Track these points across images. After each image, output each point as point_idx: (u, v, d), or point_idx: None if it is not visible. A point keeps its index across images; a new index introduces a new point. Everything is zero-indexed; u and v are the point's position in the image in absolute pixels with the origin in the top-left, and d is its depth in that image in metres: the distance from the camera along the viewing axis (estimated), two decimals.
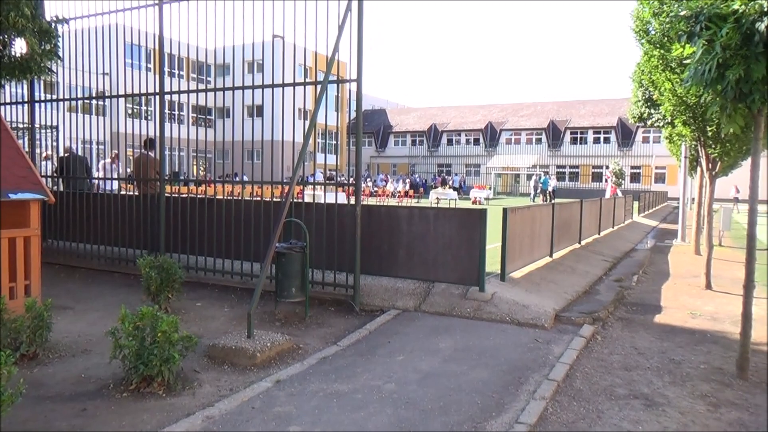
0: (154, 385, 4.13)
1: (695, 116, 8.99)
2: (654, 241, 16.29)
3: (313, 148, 7.74)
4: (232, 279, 7.73)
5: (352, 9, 6.58)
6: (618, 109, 52.58)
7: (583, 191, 43.95)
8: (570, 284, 8.45)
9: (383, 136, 62.98)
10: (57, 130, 9.65)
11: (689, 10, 4.63)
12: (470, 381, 4.58)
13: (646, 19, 9.45)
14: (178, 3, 7.84)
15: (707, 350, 5.64)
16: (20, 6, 6.82)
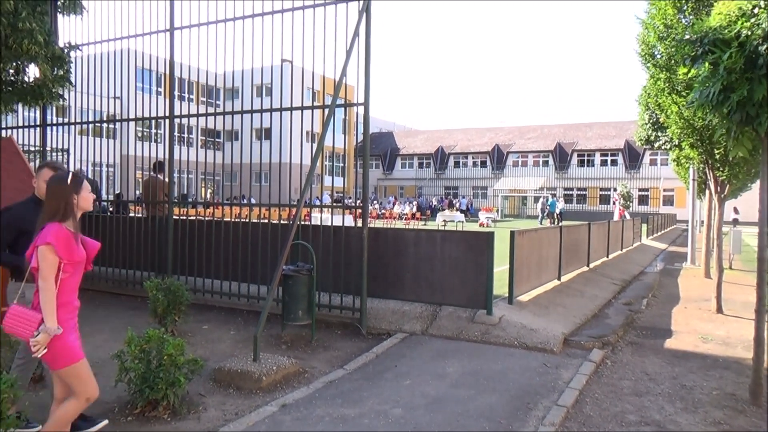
0: (160, 408, 4.11)
1: (702, 139, 8.99)
2: (663, 264, 16.15)
3: (320, 171, 7.79)
4: (238, 301, 7.72)
5: (359, 34, 6.67)
6: (625, 131, 52.65)
7: (590, 214, 43.79)
8: (579, 308, 8.37)
9: (390, 159, 63.27)
10: (68, 153, 9.76)
11: (694, 34, 4.67)
12: (478, 406, 4.51)
13: (651, 43, 9.52)
14: (189, 29, 7.99)
15: (719, 376, 5.55)
16: (34, 33, 6.97)
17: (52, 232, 3.06)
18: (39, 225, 3.16)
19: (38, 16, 7.22)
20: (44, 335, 3.00)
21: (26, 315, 3.05)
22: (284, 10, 7.16)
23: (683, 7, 8.73)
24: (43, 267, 3.02)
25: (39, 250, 3.04)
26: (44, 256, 3.02)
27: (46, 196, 3.23)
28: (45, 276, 3.02)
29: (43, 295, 3.01)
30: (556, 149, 55.29)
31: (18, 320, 3.05)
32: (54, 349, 3.05)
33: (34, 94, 7.89)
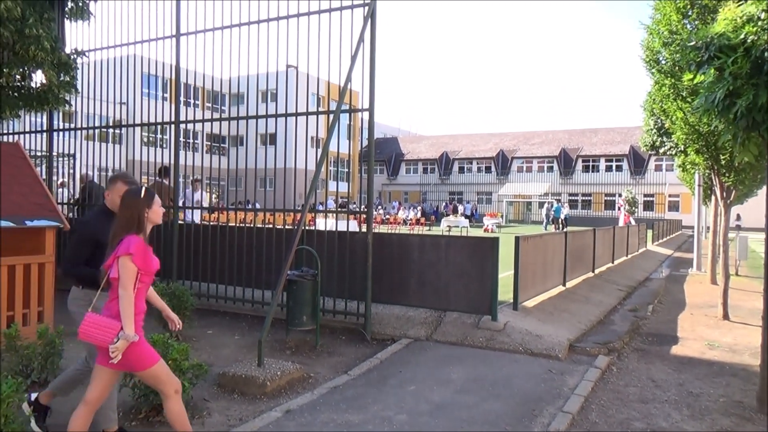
0: (164, 414, 4.09)
1: (708, 145, 8.97)
2: (669, 270, 16.07)
3: (325, 176, 7.80)
4: (243, 306, 7.72)
5: (364, 40, 6.69)
6: (630, 137, 52.55)
7: (595, 219, 43.68)
8: (584, 314, 8.33)
9: (395, 164, 63.32)
10: (74, 158, 9.82)
11: (699, 39, 4.66)
12: (483, 412, 4.49)
13: (656, 49, 9.52)
14: (194, 35, 8.03)
15: (726, 383, 5.51)
16: (41, 39, 7.02)
17: (133, 244, 3.20)
18: (113, 237, 3.29)
19: (45, 22, 7.28)
20: (123, 342, 3.11)
21: (104, 323, 3.16)
22: (289, 16, 7.20)
23: (688, 13, 8.73)
24: (123, 277, 3.16)
25: (120, 261, 3.17)
26: (125, 266, 3.16)
27: (121, 208, 3.37)
28: (125, 285, 3.16)
29: (123, 304, 3.15)
30: (561, 155, 55.22)
31: (96, 328, 3.16)
32: (134, 354, 3.17)
33: (40, 100, 7.95)
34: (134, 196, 3.37)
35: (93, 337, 3.17)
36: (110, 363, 3.16)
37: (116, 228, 3.31)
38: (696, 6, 8.57)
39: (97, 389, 3.28)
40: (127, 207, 3.33)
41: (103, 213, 3.85)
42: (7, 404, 3.04)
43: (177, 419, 3.36)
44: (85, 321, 3.20)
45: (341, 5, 6.86)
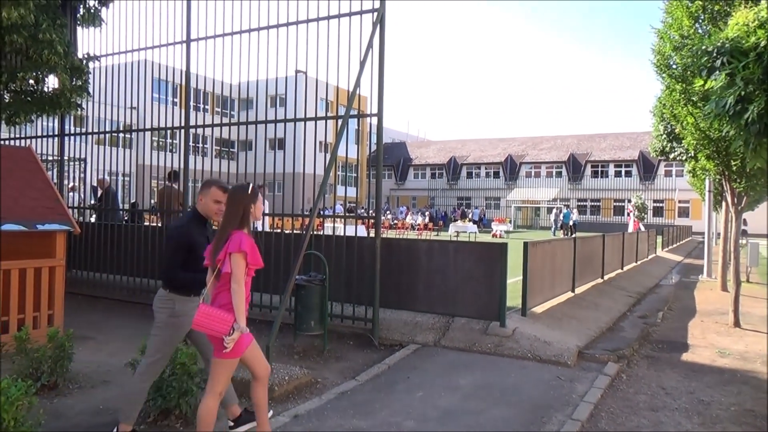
0: (172, 418, 4.11)
1: (719, 150, 8.90)
2: (679, 277, 15.95)
3: (333, 181, 7.82)
4: (251, 311, 7.70)
5: (373, 45, 6.71)
6: (639, 142, 52.29)
7: (604, 225, 43.42)
8: (593, 320, 8.28)
9: (403, 169, 63.35)
10: (85, 162, 9.90)
11: (710, 44, 4.64)
12: (491, 419, 4.47)
13: (667, 53, 9.47)
14: (204, 40, 8.09)
15: (737, 391, 5.45)
16: (54, 44, 7.10)
17: (243, 240, 3.38)
18: (221, 231, 3.47)
19: (58, 27, 7.36)
20: (237, 333, 3.31)
21: (218, 314, 3.31)
22: (299, 22, 7.23)
23: (700, 17, 8.68)
24: (236, 272, 3.33)
25: (232, 257, 3.34)
26: (237, 262, 3.34)
27: (228, 204, 3.53)
28: (238, 280, 3.33)
29: (236, 297, 3.33)
30: (570, 160, 55.03)
31: (210, 318, 3.31)
32: (238, 342, 3.37)
33: (53, 104, 8.03)
34: (242, 192, 3.51)
35: (206, 327, 3.33)
36: (223, 353, 3.36)
37: (223, 223, 3.48)
38: (708, 11, 8.53)
39: (219, 379, 3.50)
40: (234, 203, 3.48)
41: (195, 218, 3.97)
42: (17, 407, 3.06)
43: (263, 403, 3.63)
44: (199, 312, 3.34)
45: (350, 11, 6.88)
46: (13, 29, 6.71)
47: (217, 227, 3.59)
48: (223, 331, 3.28)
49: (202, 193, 3.96)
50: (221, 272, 3.40)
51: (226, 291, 3.38)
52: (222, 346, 3.34)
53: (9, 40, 6.84)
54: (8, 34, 6.75)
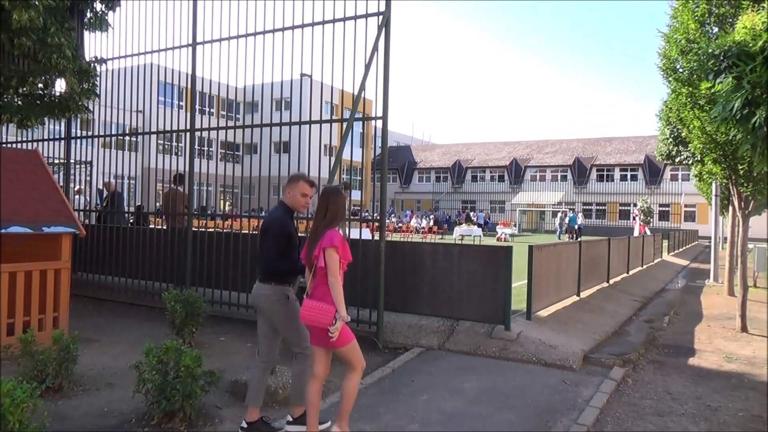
0: (176, 420, 4.11)
1: (726, 154, 8.86)
2: (685, 281, 15.86)
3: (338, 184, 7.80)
4: (256, 314, 7.71)
5: (378, 48, 6.72)
6: (645, 146, 52.14)
7: (610, 229, 43.28)
8: (598, 324, 8.23)
9: (407, 173, 63.35)
10: (91, 165, 9.95)
11: (717, 48, 4.61)
12: (496, 424, 4.44)
13: (673, 57, 9.44)
14: (210, 44, 8.12)
15: (745, 396, 5.40)
16: (62, 48, 7.14)
17: (336, 237, 3.67)
18: (316, 229, 3.74)
19: (66, 31, 7.41)
20: (340, 323, 3.57)
21: (322, 307, 3.60)
22: (304, 25, 7.25)
23: (706, 21, 8.65)
24: (332, 266, 3.62)
25: (327, 252, 3.63)
26: (332, 257, 3.62)
27: (331, 203, 3.78)
28: (334, 273, 3.62)
29: (334, 290, 3.61)
30: (575, 164, 54.90)
31: (316, 311, 3.59)
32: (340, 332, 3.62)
33: (62, 107, 8.07)
34: (339, 193, 3.85)
35: (313, 320, 3.61)
36: (329, 342, 3.63)
37: (317, 221, 3.77)
38: (714, 14, 8.49)
39: (322, 364, 3.83)
40: (334, 202, 3.78)
41: (286, 210, 4.20)
42: (22, 409, 3.06)
43: (351, 393, 3.80)
44: (304, 307, 3.63)
45: (356, 14, 6.90)
46: (22, 32, 6.76)
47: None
48: (327, 322, 3.54)
49: (291, 187, 4.17)
50: (317, 267, 3.68)
51: (323, 285, 3.67)
52: (328, 337, 3.59)
53: (18, 44, 6.88)
54: (17, 37, 6.80)
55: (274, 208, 4.30)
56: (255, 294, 4.15)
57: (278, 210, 4.24)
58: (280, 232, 4.06)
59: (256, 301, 4.16)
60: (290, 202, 4.18)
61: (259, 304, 4.14)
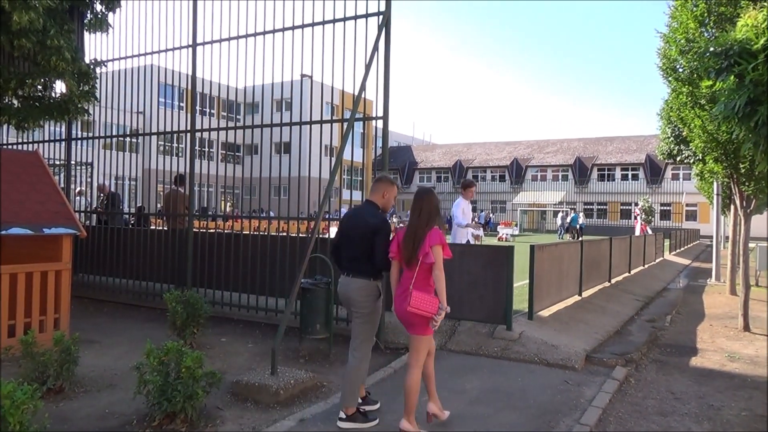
0: (177, 422, 4.09)
1: (727, 153, 8.84)
2: (687, 281, 15.83)
3: (339, 185, 7.82)
4: (257, 314, 7.72)
5: (378, 48, 6.71)
6: (646, 145, 52.10)
7: (612, 228, 43.28)
8: (600, 324, 8.22)
9: (408, 173, 63.35)
10: (92, 166, 9.95)
11: (718, 46, 4.60)
12: (498, 424, 4.43)
13: (673, 57, 9.43)
14: (210, 45, 8.11)
15: (748, 396, 5.38)
16: (61, 50, 7.13)
17: (440, 235, 4.05)
18: (419, 227, 4.06)
19: (65, 33, 7.40)
20: (443, 313, 3.94)
21: (428, 298, 3.95)
22: (304, 26, 7.24)
23: (705, 21, 8.64)
24: (438, 261, 3.99)
25: (434, 249, 3.99)
26: (438, 253, 3.99)
27: (425, 204, 4.14)
28: (440, 268, 3.99)
29: (439, 284, 3.97)
30: (576, 163, 54.87)
31: (424, 302, 3.93)
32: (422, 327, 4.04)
33: (61, 110, 8.07)
34: (431, 193, 4.23)
35: (421, 309, 3.93)
36: (419, 330, 4.04)
37: (418, 222, 4.08)
38: (713, 14, 8.48)
39: (419, 353, 4.13)
40: (427, 202, 4.13)
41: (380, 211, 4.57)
42: (22, 411, 3.05)
43: (414, 389, 4.09)
44: (414, 298, 3.92)
45: (356, 14, 6.89)
46: (22, 34, 6.75)
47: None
48: (433, 311, 3.92)
49: (388, 189, 4.58)
50: (422, 263, 3.99)
51: (425, 279, 4.02)
52: (426, 326, 4.03)
53: (18, 45, 6.88)
54: (17, 38, 6.79)
55: (370, 209, 4.56)
56: (350, 288, 4.40)
57: (375, 210, 4.56)
58: (388, 231, 4.43)
59: (351, 294, 4.40)
60: (384, 202, 4.55)
61: (355, 297, 4.38)
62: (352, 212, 4.81)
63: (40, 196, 6.44)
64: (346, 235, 4.55)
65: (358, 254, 4.41)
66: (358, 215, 4.59)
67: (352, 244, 4.46)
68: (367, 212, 4.53)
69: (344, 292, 4.46)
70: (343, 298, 4.50)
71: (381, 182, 4.61)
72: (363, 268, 4.40)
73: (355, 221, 4.55)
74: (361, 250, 4.40)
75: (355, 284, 4.38)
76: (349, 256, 4.48)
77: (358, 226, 4.47)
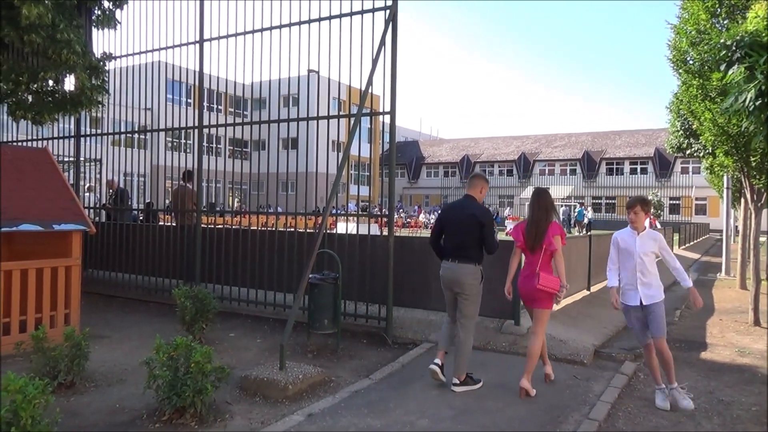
0: (187, 416, 4.12)
1: (738, 146, 8.75)
2: (696, 275, 15.73)
3: (346, 180, 7.82)
4: (265, 309, 7.75)
5: (385, 43, 6.69)
6: (655, 139, 51.71)
7: (620, 223, 42.97)
8: (609, 319, 8.18)
9: (416, 168, 63.24)
10: (101, 163, 10.00)
11: (729, 38, 4.55)
12: (507, 418, 4.43)
13: (683, 48, 9.33)
14: (217, 41, 8.12)
15: (758, 391, 5.34)
16: (72, 44, 7.16)
17: (559, 227, 5.00)
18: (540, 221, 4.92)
19: (75, 28, 7.43)
20: (564, 291, 4.96)
21: (553, 278, 4.87)
22: (311, 21, 7.23)
23: (717, 12, 8.54)
24: (558, 249, 4.89)
25: (555, 239, 4.90)
26: (558, 242, 4.92)
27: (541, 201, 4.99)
28: (561, 254, 4.93)
29: (560, 266, 4.92)
30: (584, 157, 54.56)
31: (551, 281, 4.84)
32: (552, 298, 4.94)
33: (74, 103, 8.10)
34: (546, 192, 5.11)
35: (548, 287, 4.82)
36: (543, 304, 4.96)
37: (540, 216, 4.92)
38: (725, 5, 8.38)
39: (543, 323, 5.04)
40: (544, 199, 5.00)
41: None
42: (34, 405, 3.08)
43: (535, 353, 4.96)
44: (541, 278, 4.80)
45: (363, 9, 6.87)
46: (31, 29, 6.78)
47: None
48: (557, 288, 4.84)
49: (484, 186, 5.27)
50: (545, 250, 4.86)
51: (548, 263, 4.91)
52: (550, 301, 4.94)
53: (28, 40, 6.91)
54: (27, 33, 6.82)
55: (473, 203, 5.18)
56: (459, 272, 5.02)
57: (477, 203, 5.20)
58: (494, 222, 5.18)
59: (460, 278, 5.01)
60: (480, 196, 5.22)
61: (464, 281, 5.01)
62: (454, 205, 5.37)
63: (50, 192, 6.48)
64: (450, 224, 5.16)
65: (466, 242, 5.03)
66: (462, 207, 5.18)
67: (458, 233, 5.08)
68: (471, 206, 5.13)
69: (452, 277, 5.04)
70: (450, 281, 5.06)
71: (477, 179, 5.26)
72: (470, 254, 5.01)
73: (459, 213, 5.15)
74: (469, 239, 5.02)
75: (463, 269, 5.00)
76: (456, 244, 5.08)
77: (464, 217, 5.07)
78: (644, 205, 4.88)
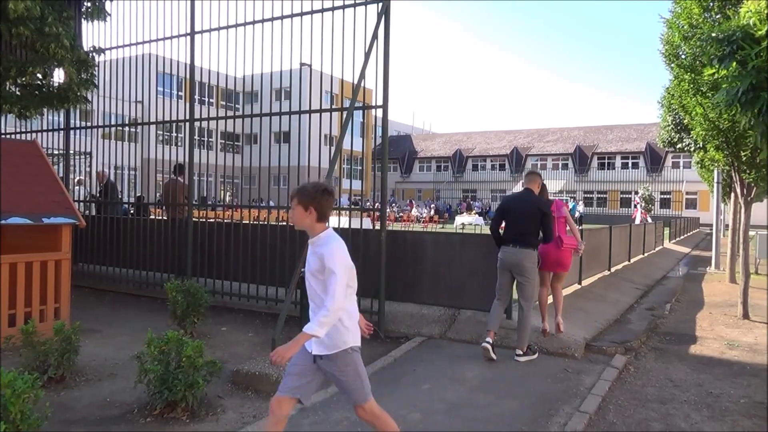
0: (178, 410, 4.11)
1: (728, 141, 8.80)
2: (687, 269, 15.85)
3: (338, 174, 7.79)
4: (257, 304, 7.73)
5: (378, 36, 6.65)
6: (646, 134, 51.96)
7: (611, 217, 43.24)
8: (600, 312, 8.23)
9: (408, 162, 63.23)
10: (91, 156, 9.92)
11: (721, 32, 4.56)
12: (498, 412, 4.44)
13: (675, 43, 9.35)
14: (209, 33, 8.04)
15: (747, 383, 5.40)
16: (60, 38, 7.07)
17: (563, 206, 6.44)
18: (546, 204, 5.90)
19: (64, 20, 7.34)
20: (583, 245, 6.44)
21: (571, 237, 6.24)
22: (303, 13, 7.17)
23: (709, 6, 8.55)
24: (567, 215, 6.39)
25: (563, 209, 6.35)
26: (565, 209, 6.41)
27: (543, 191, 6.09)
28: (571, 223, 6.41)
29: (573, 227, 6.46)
30: (576, 152, 54.76)
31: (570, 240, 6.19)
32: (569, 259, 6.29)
33: (60, 98, 8.02)
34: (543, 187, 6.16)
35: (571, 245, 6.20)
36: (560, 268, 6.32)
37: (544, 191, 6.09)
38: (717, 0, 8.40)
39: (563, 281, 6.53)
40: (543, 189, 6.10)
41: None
42: (23, 400, 3.06)
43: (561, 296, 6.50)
44: (564, 241, 6.10)
45: (355, 2, 6.83)
46: (19, 21, 6.69)
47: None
48: (575, 245, 6.25)
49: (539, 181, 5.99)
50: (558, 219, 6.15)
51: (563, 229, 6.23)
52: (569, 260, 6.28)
53: (16, 33, 6.82)
54: (15, 26, 6.73)
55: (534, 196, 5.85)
56: (521, 257, 5.68)
57: (537, 196, 5.88)
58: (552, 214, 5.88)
59: (522, 262, 5.68)
60: (538, 191, 5.91)
61: (525, 264, 5.68)
62: (517, 196, 6.07)
63: (39, 186, 6.42)
64: (512, 213, 5.80)
65: (527, 229, 5.67)
66: (524, 199, 5.84)
67: (521, 221, 5.70)
68: (533, 198, 5.82)
69: (514, 260, 5.71)
70: (512, 264, 5.72)
71: (534, 176, 6.03)
72: (530, 240, 5.66)
73: (522, 203, 5.81)
74: (530, 226, 5.67)
75: (524, 254, 5.65)
76: (518, 231, 5.71)
77: (527, 207, 5.72)
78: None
